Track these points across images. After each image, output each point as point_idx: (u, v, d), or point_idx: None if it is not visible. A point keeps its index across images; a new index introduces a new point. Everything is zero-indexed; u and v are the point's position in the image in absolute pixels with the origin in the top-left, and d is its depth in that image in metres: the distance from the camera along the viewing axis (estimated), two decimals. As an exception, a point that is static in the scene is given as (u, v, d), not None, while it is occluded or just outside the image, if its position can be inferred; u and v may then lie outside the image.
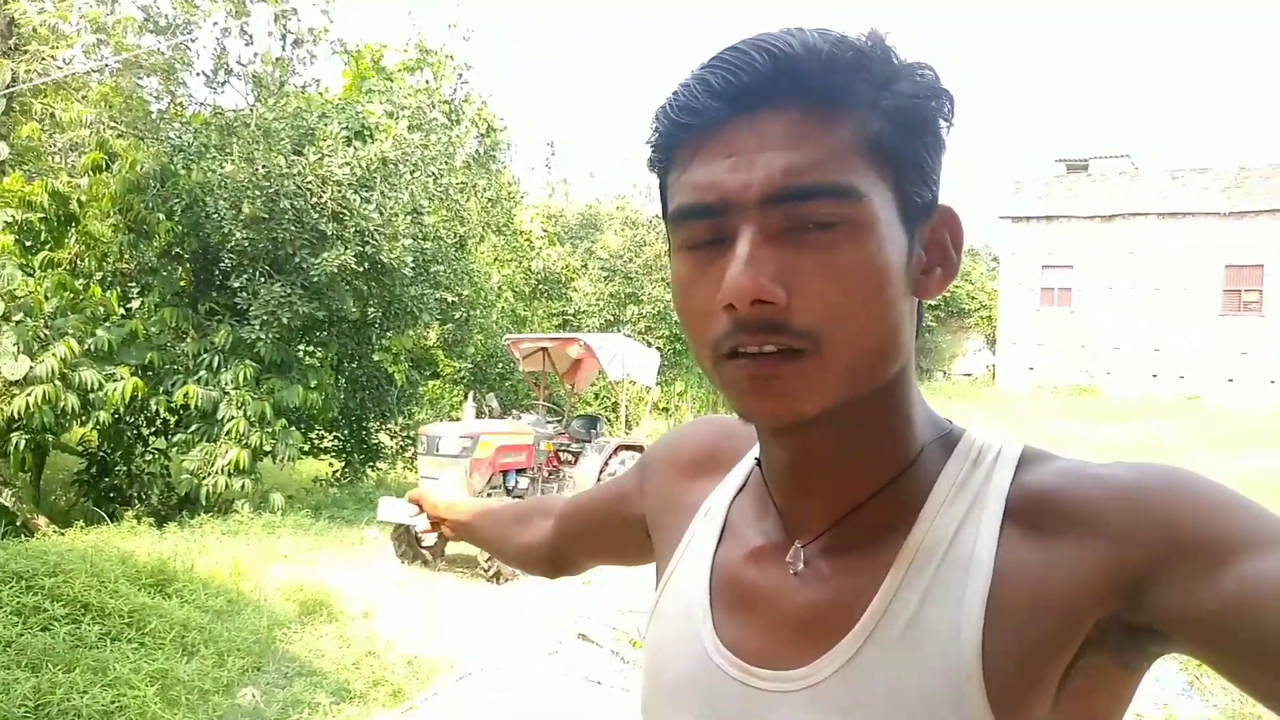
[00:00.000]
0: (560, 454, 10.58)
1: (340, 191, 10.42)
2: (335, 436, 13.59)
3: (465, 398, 15.75)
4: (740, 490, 0.82)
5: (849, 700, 0.64)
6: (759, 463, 0.78)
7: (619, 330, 17.37)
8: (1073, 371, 25.73)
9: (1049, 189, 26.70)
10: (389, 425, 14.20)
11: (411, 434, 14.35)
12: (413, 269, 11.06)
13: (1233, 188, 24.20)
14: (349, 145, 10.95)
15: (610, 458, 10.14)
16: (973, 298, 28.34)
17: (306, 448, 12.10)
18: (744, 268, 0.60)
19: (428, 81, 13.76)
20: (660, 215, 0.71)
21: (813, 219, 0.61)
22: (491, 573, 8.55)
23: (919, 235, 0.67)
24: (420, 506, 1.45)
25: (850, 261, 0.61)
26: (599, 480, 9.97)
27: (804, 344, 0.61)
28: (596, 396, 17.42)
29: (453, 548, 9.52)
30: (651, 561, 0.94)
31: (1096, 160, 27.33)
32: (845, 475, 0.70)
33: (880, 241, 0.62)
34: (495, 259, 15.33)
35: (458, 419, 13.76)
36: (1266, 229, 23.62)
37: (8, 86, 9.25)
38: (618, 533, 1.02)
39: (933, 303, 24.24)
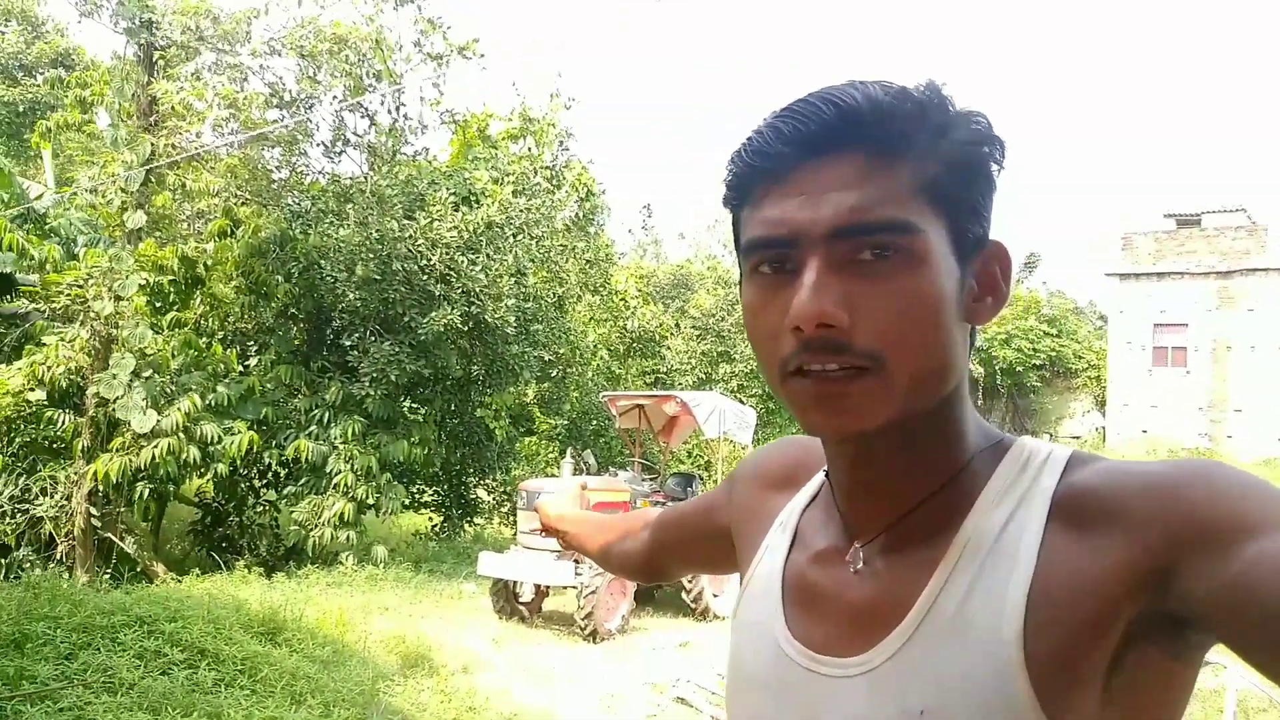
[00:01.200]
0: (655, 512, 10.53)
1: (449, 254, 10.80)
2: (435, 491, 13.86)
3: (560, 454, 15.94)
4: (812, 501, 0.89)
5: (902, 684, 0.69)
6: (827, 475, 0.85)
7: (711, 388, 17.36)
8: (1189, 434, 24.44)
9: (1159, 245, 25.74)
10: (487, 480, 14.42)
11: (508, 489, 14.52)
12: (515, 328, 11.32)
13: (1362, 242, 22.89)
14: (457, 210, 11.37)
15: (705, 517, 10.05)
16: (1080, 357, 27.33)
17: (407, 501, 12.39)
18: (811, 294, 0.67)
19: (530, 149, 14.22)
20: (734, 249, 0.79)
21: (873, 251, 0.68)
22: (588, 631, 8.51)
23: (971, 267, 0.73)
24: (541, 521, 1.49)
25: (906, 289, 0.68)
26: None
27: (867, 363, 0.67)
28: (689, 455, 17.36)
29: (549, 603, 9.56)
30: (735, 570, 1.01)
31: (1209, 215, 26.25)
32: (902, 481, 0.75)
33: (934, 272, 0.69)
34: (592, 318, 15.58)
35: (553, 475, 13.90)
36: (1402, 285, 22.19)
37: (147, 160, 9.95)
38: (706, 542, 1.10)
39: (1038, 363, 23.22)
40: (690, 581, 9.72)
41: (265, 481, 11.74)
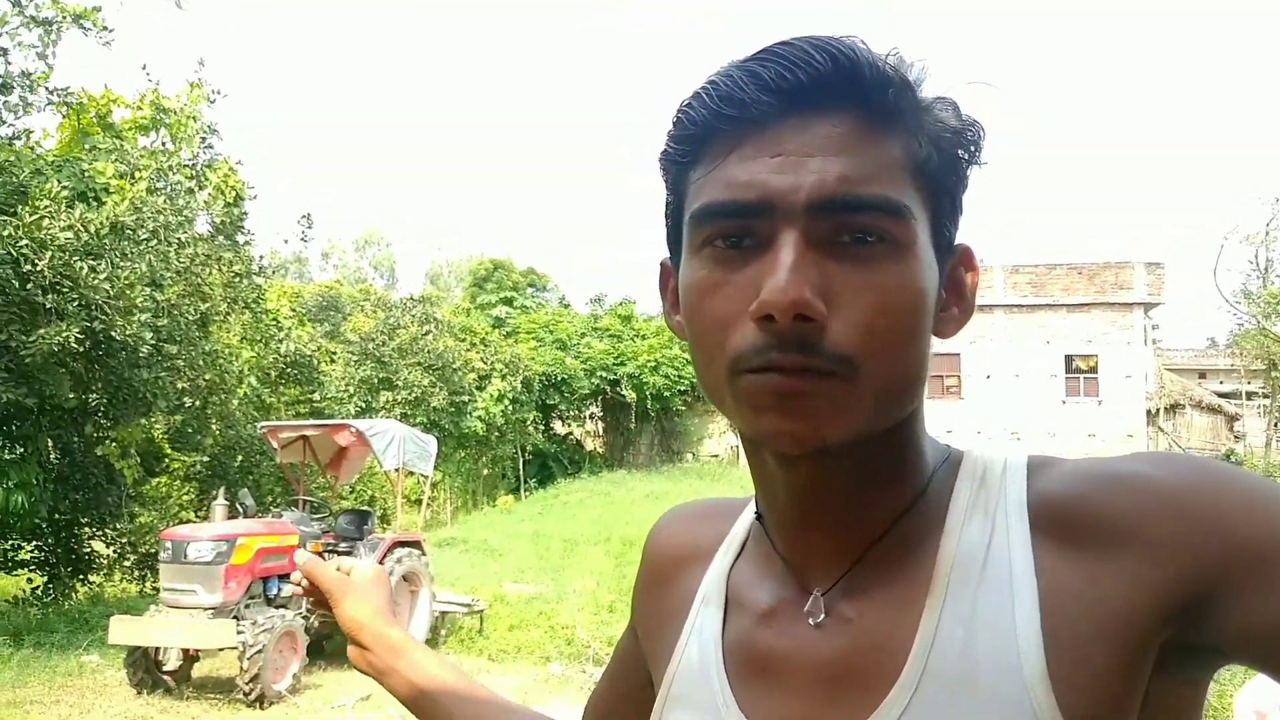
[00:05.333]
0: (325, 554, 9.52)
1: (63, 258, 8.98)
2: (36, 546, 11.49)
3: (198, 495, 13.99)
4: (738, 557, 0.74)
5: None
6: (759, 516, 0.72)
7: (373, 418, 16.32)
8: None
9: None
10: (106, 530, 12.23)
11: (134, 540, 12.48)
12: (152, 346, 9.70)
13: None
14: (72, 207, 9.52)
15: (385, 556, 9.26)
16: (716, 383, 29.78)
17: (-1, 561, 10.10)
18: (790, 276, 0.56)
19: (163, 143, 12.37)
20: (669, 215, 0.67)
21: (859, 232, 0.58)
22: (254, 696, 7.40)
23: (944, 271, 0.64)
24: (314, 596, 0.97)
25: (892, 283, 0.59)
26: (372, 581, 9.05)
27: (836, 367, 0.57)
28: (351, 490, 16.16)
29: (200, 668, 8.20)
30: None
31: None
32: (857, 512, 0.65)
33: (920, 267, 0.60)
34: (242, 339, 13.88)
35: (188, 520, 12.14)
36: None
37: None
38: (644, 695, 0.80)
39: (682, 389, 24.78)
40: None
41: None
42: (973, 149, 0.64)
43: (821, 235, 0.58)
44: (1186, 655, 0.56)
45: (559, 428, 28.68)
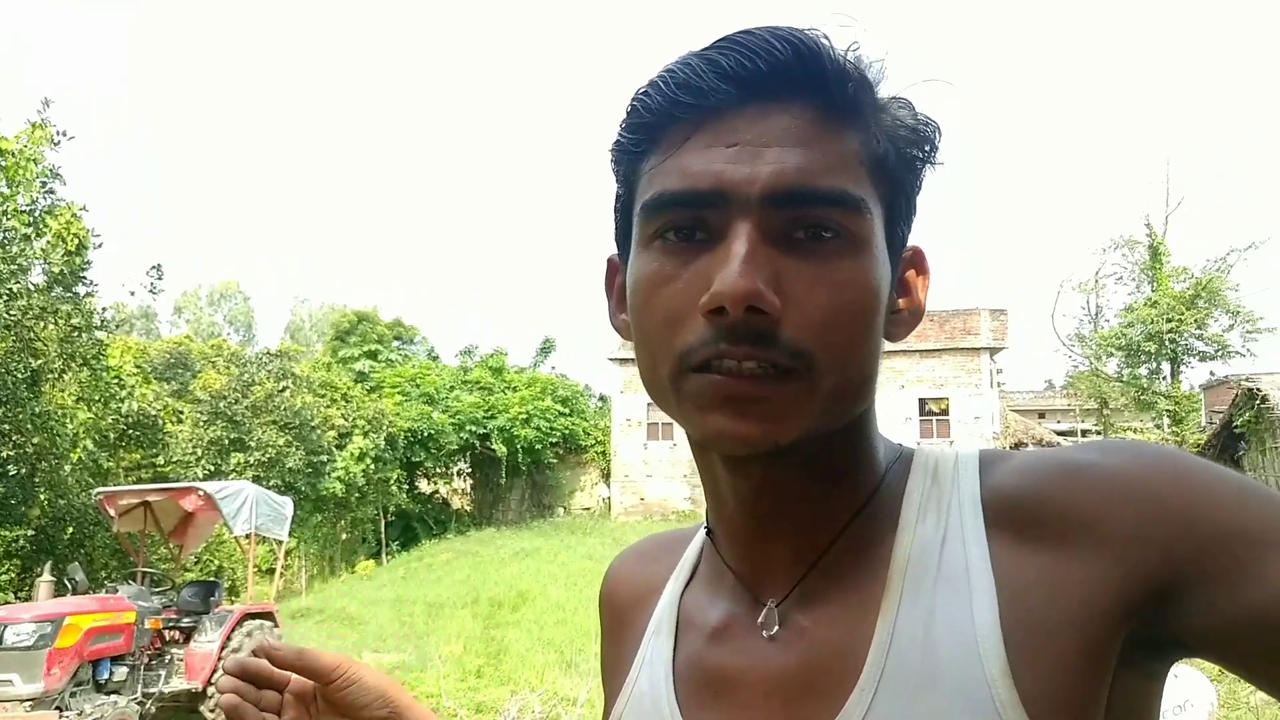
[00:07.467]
0: (165, 631, 8.85)
1: None
2: None
3: (19, 573, 12.82)
4: (689, 582, 0.72)
5: None
6: (709, 531, 0.70)
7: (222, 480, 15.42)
8: (678, 499, 27.76)
9: (648, 333, 29.17)
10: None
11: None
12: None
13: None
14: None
15: (233, 629, 8.67)
16: (588, 434, 29.70)
17: None
18: (743, 268, 0.54)
19: (-1, 188, 11.48)
20: (618, 209, 0.65)
21: (814, 226, 0.57)
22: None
23: (896, 271, 0.63)
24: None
25: (847, 278, 0.57)
26: (219, 660, 8.44)
27: (792, 362, 0.55)
28: (197, 560, 15.17)
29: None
30: None
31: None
32: (808, 517, 0.63)
33: (874, 264, 0.59)
34: (79, 398, 12.89)
35: (6, 603, 11.08)
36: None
37: None
38: None
39: (554, 441, 24.57)
40: (212, 701, 8.34)
41: None
42: (928, 148, 0.63)
43: (776, 229, 0.56)
44: (1148, 649, 0.55)
45: (424, 486, 27.88)
